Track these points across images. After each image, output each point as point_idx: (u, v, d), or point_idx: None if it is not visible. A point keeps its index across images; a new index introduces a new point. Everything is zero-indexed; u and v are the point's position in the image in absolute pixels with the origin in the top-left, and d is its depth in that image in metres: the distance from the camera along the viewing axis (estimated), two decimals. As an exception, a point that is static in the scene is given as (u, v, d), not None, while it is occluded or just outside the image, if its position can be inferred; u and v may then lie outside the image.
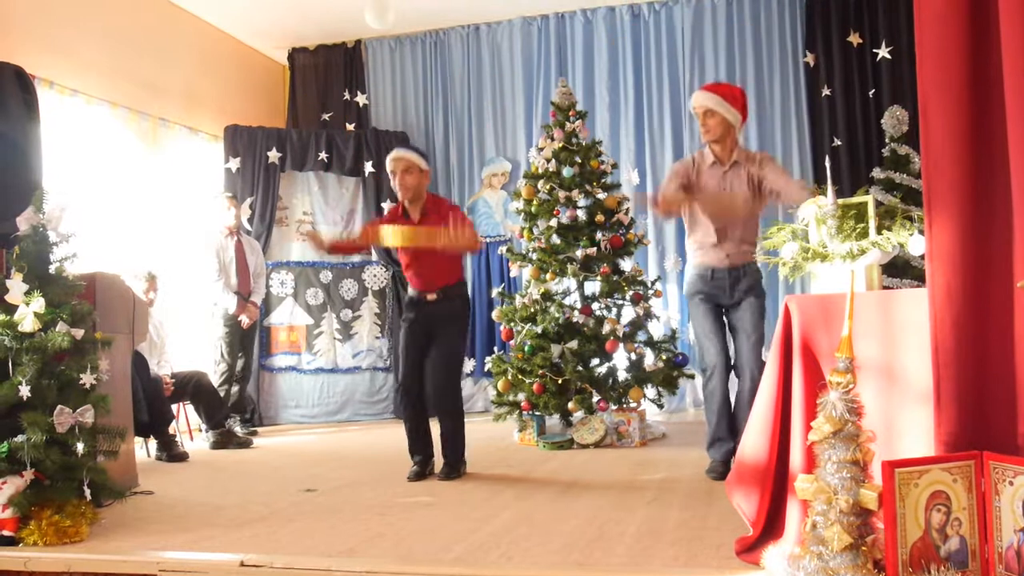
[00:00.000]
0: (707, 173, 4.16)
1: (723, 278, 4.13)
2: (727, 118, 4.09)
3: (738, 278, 4.12)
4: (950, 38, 2.22)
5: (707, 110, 4.09)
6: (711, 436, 4.16)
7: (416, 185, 4.24)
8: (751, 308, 4.10)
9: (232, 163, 7.28)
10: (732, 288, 4.12)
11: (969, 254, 2.22)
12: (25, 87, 4.11)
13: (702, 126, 4.14)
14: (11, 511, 3.07)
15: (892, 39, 7.00)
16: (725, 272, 4.12)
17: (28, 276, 3.31)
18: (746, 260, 4.14)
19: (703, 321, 4.17)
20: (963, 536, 2.16)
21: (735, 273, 4.12)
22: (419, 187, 4.26)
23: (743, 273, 4.13)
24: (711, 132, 4.10)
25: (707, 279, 4.15)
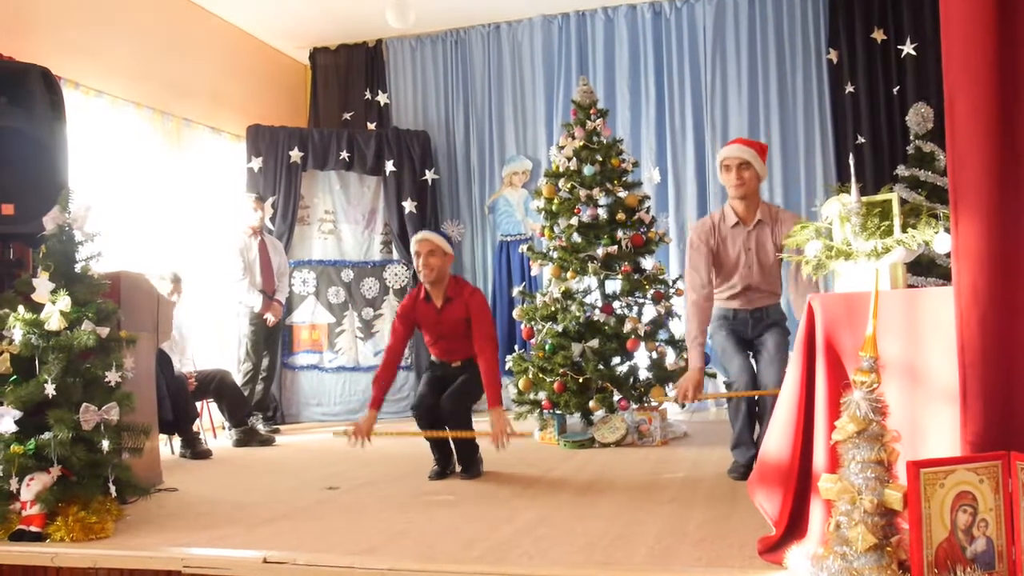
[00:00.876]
0: (730, 235, 4.12)
1: (745, 318, 4.17)
2: (759, 173, 4.07)
3: (760, 318, 4.15)
4: (976, 34, 2.20)
5: (743, 162, 4.04)
6: (735, 439, 4.14)
7: (440, 266, 4.35)
8: (774, 336, 4.08)
9: (254, 162, 7.33)
10: (755, 326, 4.15)
11: (995, 252, 2.20)
12: (51, 88, 4.15)
13: (736, 179, 4.05)
14: (38, 507, 3.11)
15: (917, 35, 6.92)
16: (747, 313, 4.16)
17: (54, 275, 3.34)
18: (770, 302, 4.17)
19: (725, 343, 4.18)
20: (990, 537, 2.13)
21: (757, 314, 4.15)
22: (442, 269, 4.37)
23: (765, 314, 4.16)
24: (746, 186, 4.04)
25: (729, 319, 4.20)
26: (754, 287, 4.12)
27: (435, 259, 4.33)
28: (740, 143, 4.15)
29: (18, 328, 3.27)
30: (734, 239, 4.11)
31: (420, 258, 4.33)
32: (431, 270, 4.32)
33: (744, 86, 7.33)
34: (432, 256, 4.32)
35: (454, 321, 4.37)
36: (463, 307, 4.35)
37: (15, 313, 3.30)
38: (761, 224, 4.10)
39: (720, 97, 7.40)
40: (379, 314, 7.57)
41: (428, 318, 4.42)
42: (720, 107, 7.38)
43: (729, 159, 4.08)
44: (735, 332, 4.19)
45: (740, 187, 4.04)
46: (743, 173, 4.03)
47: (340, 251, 7.60)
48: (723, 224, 4.14)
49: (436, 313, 4.39)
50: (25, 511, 3.12)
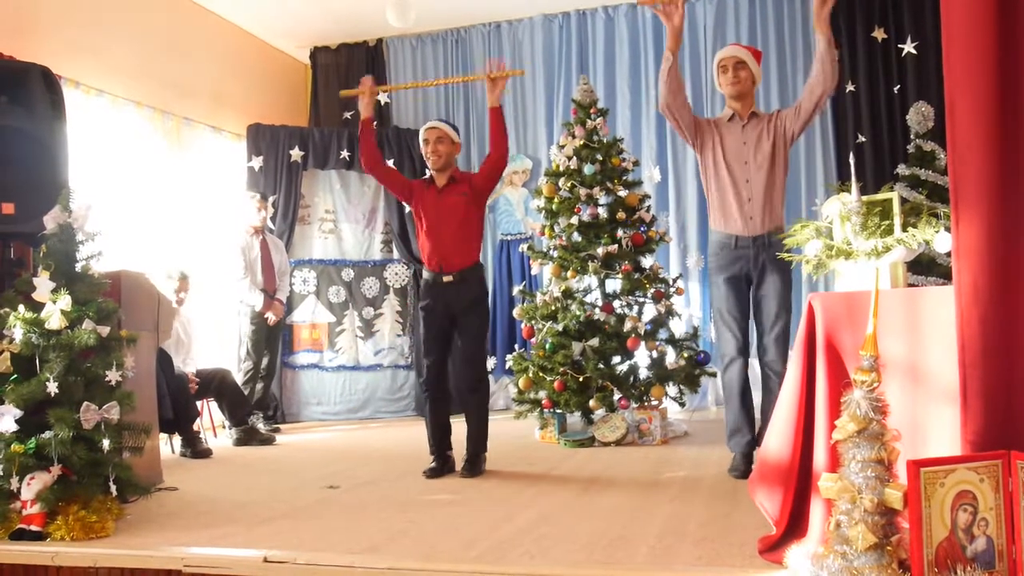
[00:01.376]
0: (726, 128, 4.14)
1: (747, 247, 4.02)
2: (754, 73, 4.12)
3: (763, 246, 4.00)
4: (978, 33, 2.19)
5: (739, 60, 4.10)
6: (730, 427, 4.13)
7: (447, 153, 4.40)
8: (775, 290, 3.98)
9: (255, 161, 7.33)
10: (756, 258, 4.01)
11: (996, 251, 2.19)
12: (51, 87, 4.15)
13: (733, 77, 4.09)
14: (39, 506, 3.11)
15: (918, 34, 6.92)
16: (749, 240, 4.02)
17: (55, 274, 3.35)
18: (773, 225, 4.01)
19: (724, 302, 4.08)
20: (990, 536, 2.13)
21: (760, 240, 4.00)
22: (450, 156, 4.42)
23: (768, 242, 3.98)
24: (741, 84, 4.09)
25: (730, 247, 4.05)
26: (755, 194, 4.02)
27: (443, 146, 4.38)
28: (736, 45, 4.26)
29: (19, 327, 3.27)
30: (732, 132, 4.13)
31: (428, 145, 4.39)
32: (439, 156, 4.37)
33: (745, 85, 7.32)
34: (440, 143, 4.37)
35: (453, 202, 4.33)
36: (466, 183, 4.38)
37: (16, 312, 3.30)
38: (756, 118, 4.13)
39: (720, 96, 7.34)
40: (379, 313, 7.57)
41: (427, 200, 4.39)
42: (720, 105, 7.36)
43: (725, 59, 4.15)
44: (735, 278, 4.05)
45: (736, 84, 4.10)
46: (739, 72, 4.10)
47: (340, 250, 7.60)
48: (719, 121, 4.19)
49: (436, 194, 4.38)
50: (25, 510, 3.12)
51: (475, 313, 4.36)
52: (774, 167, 4.06)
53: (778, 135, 4.08)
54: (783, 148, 4.08)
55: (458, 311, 4.35)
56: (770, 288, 4.00)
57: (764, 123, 4.11)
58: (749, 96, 4.15)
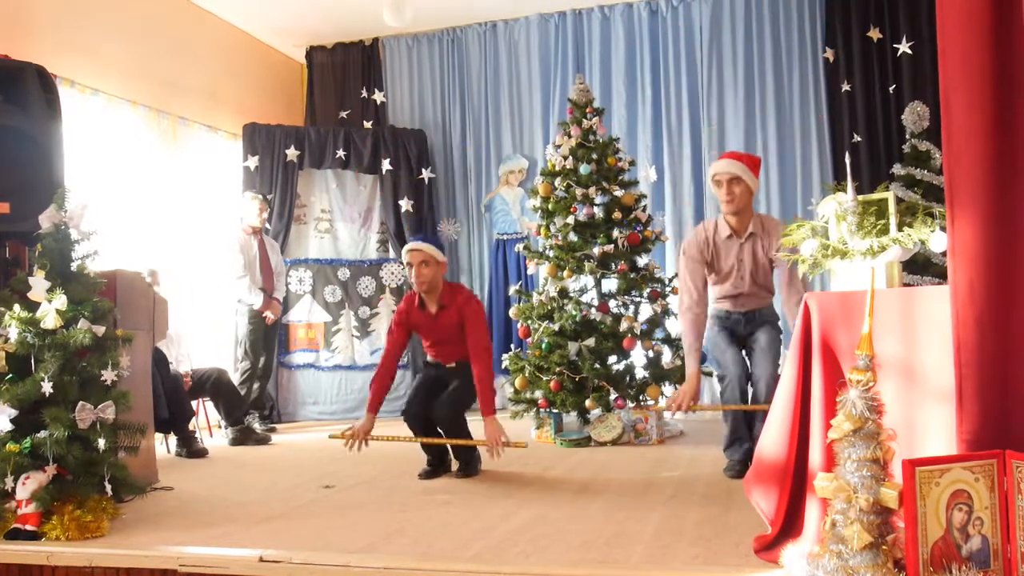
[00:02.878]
0: (723, 246, 4.18)
1: (739, 319, 4.26)
2: (751, 187, 4.10)
3: (752, 319, 4.24)
4: (973, 33, 2.20)
5: (733, 177, 4.07)
6: (729, 437, 4.19)
7: (432, 276, 4.33)
8: (766, 332, 4.15)
9: (251, 161, 7.32)
10: (747, 325, 4.25)
11: (991, 251, 2.20)
12: (47, 86, 4.14)
13: (727, 195, 4.09)
14: (34, 506, 3.11)
15: (913, 34, 6.93)
16: (740, 315, 4.25)
17: (50, 273, 3.34)
18: (762, 305, 4.25)
19: (718, 337, 4.26)
20: (985, 535, 2.14)
21: (750, 315, 4.25)
22: (435, 279, 4.35)
23: (758, 315, 4.25)
24: (735, 202, 4.08)
25: (723, 319, 4.29)
26: (747, 293, 4.21)
27: (427, 269, 4.30)
28: (730, 157, 4.18)
29: (14, 326, 3.26)
30: (728, 250, 4.17)
31: (412, 268, 4.31)
32: (424, 281, 4.31)
33: (740, 85, 7.33)
34: (424, 267, 4.30)
35: (449, 327, 4.37)
36: (457, 314, 4.34)
37: (11, 312, 3.29)
38: (753, 236, 4.16)
39: (716, 96, 7.40)
40: (375, 313, 7.56)
41: (424, 324, 4.43)
42: (716, 106, 7.38)
43: (720, 174, 4.11)
44: (728, 331, 4.27)
45: (731, 203, 4.09)
46: (733, 188, 4.07)
47: (336, 250, 7.60)
48: (717, 236, 4.20)
49: (431, 319, 4.39)
50: (21, 510, 3.12)
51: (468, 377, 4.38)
52: (766, 275, 4.20)
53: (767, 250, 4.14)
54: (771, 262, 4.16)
55: (453, 379, 4.46)
56: (761, 336, 4.14)
57: (760, 242, 4.15)
58: (746, 211, 4.14)
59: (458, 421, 4.33)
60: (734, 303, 4.25)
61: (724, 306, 4.29)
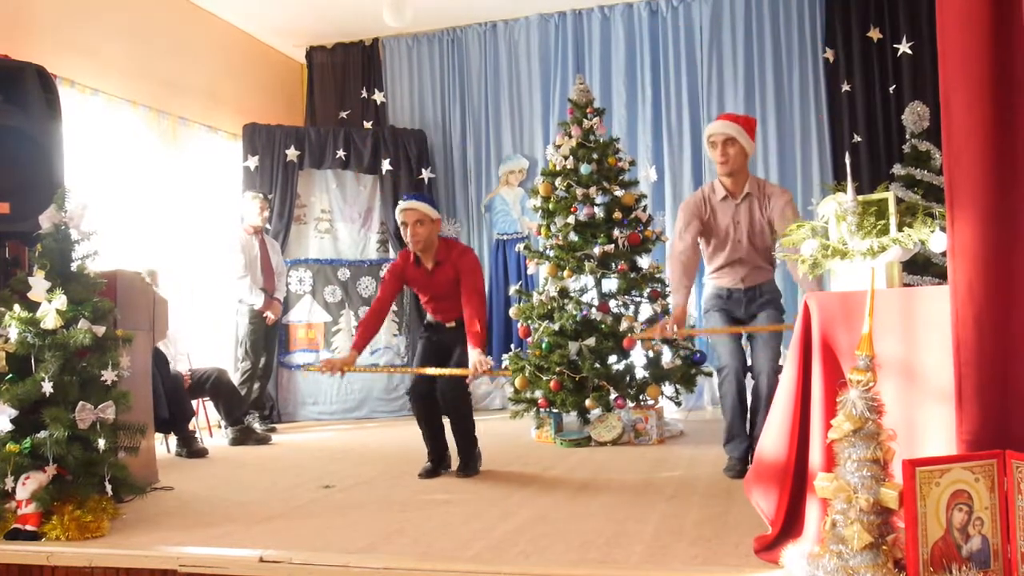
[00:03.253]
0: (719, 208, 4.17)
1: (739, 298, 4.19)
2: (745, 148, 4.10)
3: (754, 297, 4.18)
4: (973, 33, 2.20)
5: (728, 138, 4.07)
6: (727, 433, 4.17)
7: (427, 236, 4.31)
8: (768, 318, 4.10)
9: (251, 161, 7.32)
10: (748, 305, 4.18)
11: (991, 251, 2.20)
12: (47, 86, 4.14)
13: (721, 155, 4.10)
14: (34, 506, 3.11)
15: (913, 34, 6.93)
16: (742, 292, 4.18)
17: (50, 274, 3.34)
18: (763, 279, 4.19)
19: (716, 323, 4.20)
20: (985, 536, 2.14)
21: (751, 292, 4.18)
22: (430, 237, 4.33)
23: (759, 293, 4.18)
24: (731, 163, 4.08)
25: (723, 297, 4.22)
26: (745, 260, 4.14)
27: (422, 228, 4.28)
28: (725, 119, 4.19)
29: (14, 326, 3.26)
30: (724, 212, 4.16)
31: (407, 228, 4.29)
32: (419, 240, 4.30)
33: (740, 85, 7.33)
34: (419, 226, 4.28)
35: (446, 282, 4.35)
36: (453, 269, 4.33)
37: (11, 312, 3.29)
38: (750, 197, 4.14)
39: (717, 96, 7.40)
40: (376, 313, 7.55)
41: (419, 280, 4.41)
42: (716, 106, 7.38)
43: (715, 135, 4.12)
44: (727, 312, 4.20)
45: (725, 164, 4.10)
46: (728, 149, 4.07)
47: (336, 250, 7.60)
48: (713, 197, 4.19)
49: (427, 275, 4.38)
50: (21, 510, 3.12)
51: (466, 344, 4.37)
52: (763, 235, 4.15)
53: (764, 211, 4.12)
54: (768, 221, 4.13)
55: (454, 346, 4.42)
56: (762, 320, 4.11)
57: (755, 201, 4.13)
58: (741, 172, 4.14)
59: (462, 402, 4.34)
60: (733, 275, 4.16)
61: (723, 282, 4.21)
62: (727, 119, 4.17)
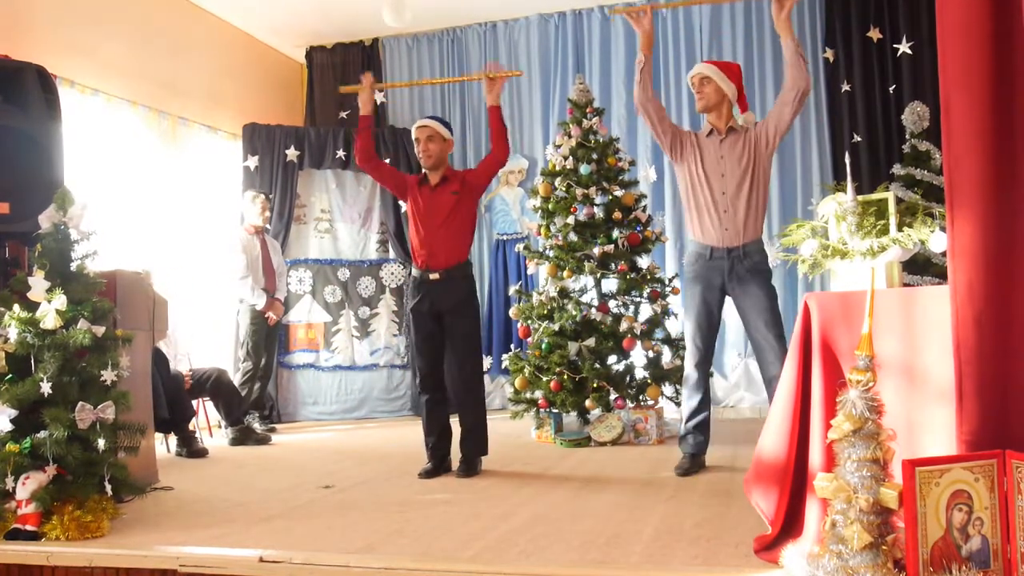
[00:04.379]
0: (704, 142, 4.17)
1: (722, 258, 4.03)
2: (721, 87, 4.12)
3: (738, 258, 4.00)
4: (973, 33, 2.20)
5: (703, 77, 4.14)
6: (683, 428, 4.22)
7: (438, 152, 4.41)
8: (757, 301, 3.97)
9: (251, 161, 7.32)
10: (731, 270, 4.01)
11: (991, 251, 2.20)
12: (46, 86, 4.15)
13: (697, 94, 4.16)
14: (34, 506, 3.11)
15: (913, 34, 6.93)
16: (724, 252, 4.02)
17: (50, 273, 3.34)
18: (750, 237, 4.03)
19: (695, 310, 4.12)
20: (985, 536, 2.14)
21: (735, 252, 4.01)
22: (441, 154, 4.43)
23: (743, 253, 4.00)
24: (705, 99, 4.13)
25: (705, 258, 4.07)
26: (730, 209, 4.03)
27: (434, 144, 4.39)
28: (704, 62, 4.28)
29: (13, 326, 3.26)
30: (709, 146, 4.16)
31: (420, 144, 4.41)
32: (429, 156, 4.39)
33: (741, 85, 7.33)
34: (431, 142, 4.39)
35: (446, 204, 4.34)
36: (458, 182, 4.39)
37: (11, 312, 3.29)
38: (733, 132, 4.14)
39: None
40: (375, 313, 7.56)
41: (420, 200, 4.41)
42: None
43: (692, 76, 4.22)
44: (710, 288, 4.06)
45: (700, 100, 4.16)
46: (704, 88, 4.13)
47: (336, 250, 7.60)
48: (700, 135, 4.22)
49: (430, 194, 4.40)
50: (20, 510, 3.12)
51: (462, 314, 4.34)
52: (752, 180, 4.06)
53: (758, 148, 4.09)
54: (763, 161, 4.08)
55: (445, 311, 4.33)
56: (752, 300, 4.00)
57: (742, 137, 4.12)
58: (719, 109, 4.15)
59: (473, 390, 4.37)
60: (717, 227, 4.02)
61: (707, 239, 4.07)
62: (706, 62, 4.27)
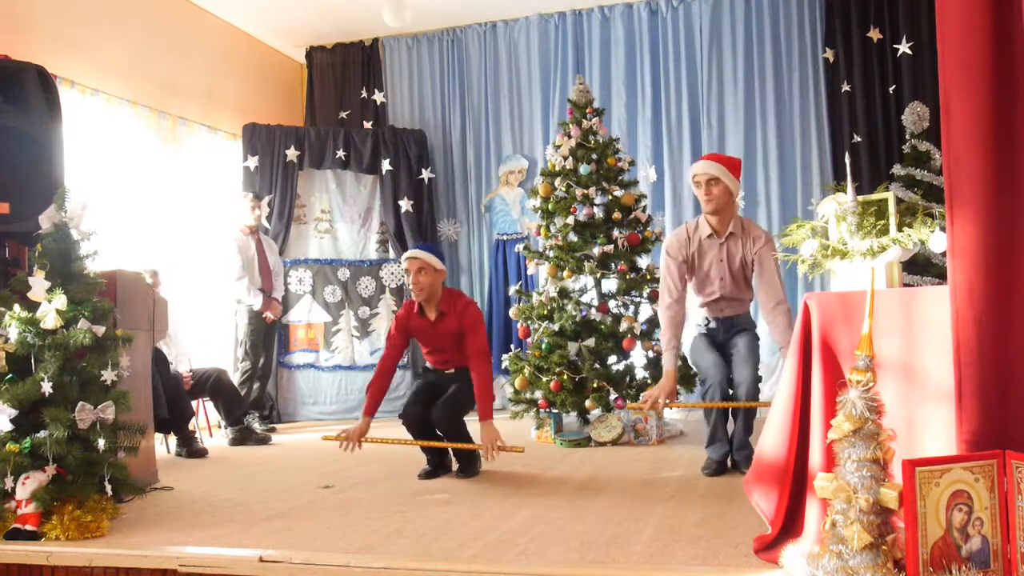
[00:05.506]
0: (705, 245, 4.26)
1: (718, 327, 4.34)
2: (729, 187, 4.17)
3: (731, 325, 4.33)
4: (972, 34, 2.20)
5: (711, 178, 4.15)
6: (710, 436, 4.27)
7: (430, 284, 4.32)
8: (745, 339, 4.24)
9: (250, 161, 7.32)
10: (725, 333, 4.32)
11: (991, 251, 2.20)
12: (47, 86, 4.14)
13: (705, 195, 4.18)
14: (34, 506, 3.11)
15: (912, 34, 6.94)
16: (719, 321, 4.32)
17: (50, 273, 3.34)
18: (740, 312, 4.35)
19: (698, 341, 4.35)
20: (985, 536, 2.14)
21: (728, 322, 4.33)
22: (433, 286, 4.34)
23: (736, 322, 4.34)
24: (714, 201, 4.16)
25: (704, 325, 4.37)
26: (728, 297, 4.28)
27: (424, 277, 4.30)
28: (708, 159, 4.26)
29: (14, 326, 3.26)
30: (709, 249, 4.26)
31: (410, 276, 4.33)
32: (421, 289, 4.31)
33: (740, 85, 7.33)
34: (422, 274, 4.29)
35: (448, 334, 4.37)
36: (456, 320, 4.34)
37: (11, 312, 3.29)
38: (733, 236, 4.24)
39: (716, 96, 7.40)
40: (375, 313, 7.56)
41: (422, 331, 4.44)
42: (716, 106, 7.39)
43: (699, 175, 4.19)
44: (708, 336, 4.35)
45: (709, 202, 4.17)
46: (712, 189, 4.14)
47: (336, 250, 7.60)
48: (698, 234, 4.27)
49: (430, 326, 4.39)
50: (20, 510, 3.11)
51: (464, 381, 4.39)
52: (745, 275, 4.28)
53: (747, 254, 4.23)
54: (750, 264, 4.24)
55: (450, 383, 4.46)
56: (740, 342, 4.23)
57: (740, 242, 4.23)
58: (726, 211, 4.21)
59: (457, 423, 4.32)
60: (713, 309, 4.31)
61: (706, 312, 4.36)
62: (710, 159, 4.25)
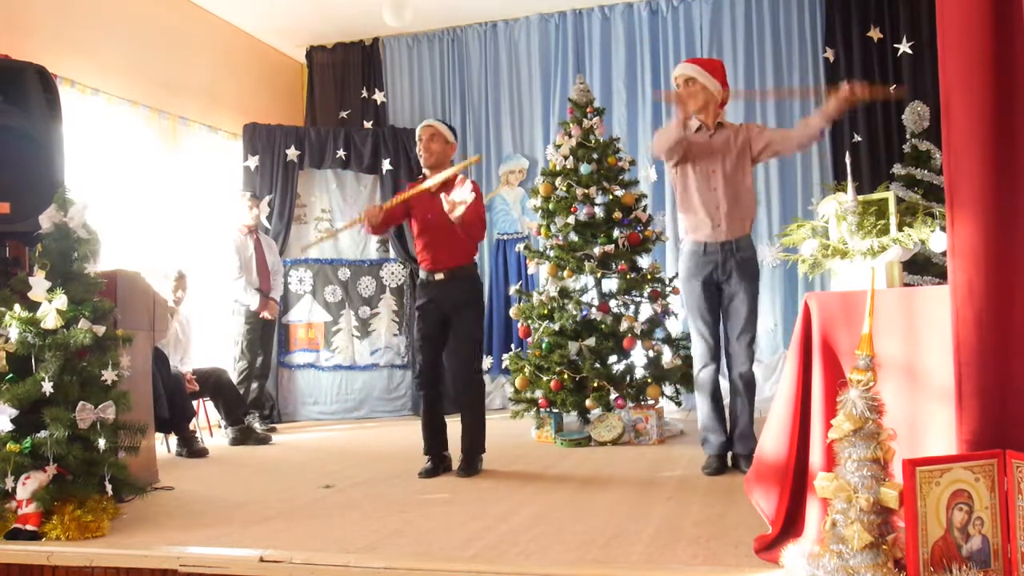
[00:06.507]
0: (694, 138, 4.21)
1: (715, 252, 4.14)
2: (708, 86, 4.15)
3: (731, 251, 4.13)
4: (973, 33, 2.20)
5: (688, 78, 4.16)
6: (701, 428, 4.24)
7: (439, 151, 4.41)
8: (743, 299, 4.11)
9: (251, 161, 7.32)
10: (724, 263, 4.13)
11: (991, 250, 2.20)
12: (47, 86, 4.14)
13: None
14: (34, 506, 3.11)
15: (913, 34, 6.94)
16: (717, 246, 4.14)
17: (50, 273, 3.34)
18: (739, 234, 4.16)
19: (696, 306, 4.20)
20: (985, 535, 2.14)
21: (728, 247, 4.13)
22: (442, 154, 4.42)
23: (736, 247, 4.13)
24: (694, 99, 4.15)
25: (699, 254, 4.18)
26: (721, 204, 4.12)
27: (435, 144, 4.39)
28: (688, 62, 4.28)
29: (14, 326, 3.26)
30: (698, 142, 4.19)
31: (422, 143, 4.41)
32: (430, 154, 4.39)
33: (741, 84, 7.32)
34: (432, 141, 4.39)
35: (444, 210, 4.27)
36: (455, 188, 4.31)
37: (12, 311, 3.29)
38: (722, 128, 4.20)
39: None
40: (376, 313, 7.56)
41: (421, 202, 4.37)
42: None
43: (677, 76, 4.24)
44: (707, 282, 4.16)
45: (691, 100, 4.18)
46: (689, 87, 4.16)
47: (336, 250, 7.60)
48: (689, 132, 4.22)
49: (429, 194, 4.34)
50: (21, 510, 3.12)
51: (466, 313, 4.35)
52: (741, 176, 4.18)
53: (743, 147, 4.18)
54: (747, 159, 4.19)
55: (449, 310, 4.35)
56: (738, 297, 4.13)
57: (731, 134, 4.19)
58: (708, 107, 4.19)
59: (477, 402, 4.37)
60: (709, 223, 4.12)
61: (700, 236, 4.17)
62: (690, 61, 4.28)
